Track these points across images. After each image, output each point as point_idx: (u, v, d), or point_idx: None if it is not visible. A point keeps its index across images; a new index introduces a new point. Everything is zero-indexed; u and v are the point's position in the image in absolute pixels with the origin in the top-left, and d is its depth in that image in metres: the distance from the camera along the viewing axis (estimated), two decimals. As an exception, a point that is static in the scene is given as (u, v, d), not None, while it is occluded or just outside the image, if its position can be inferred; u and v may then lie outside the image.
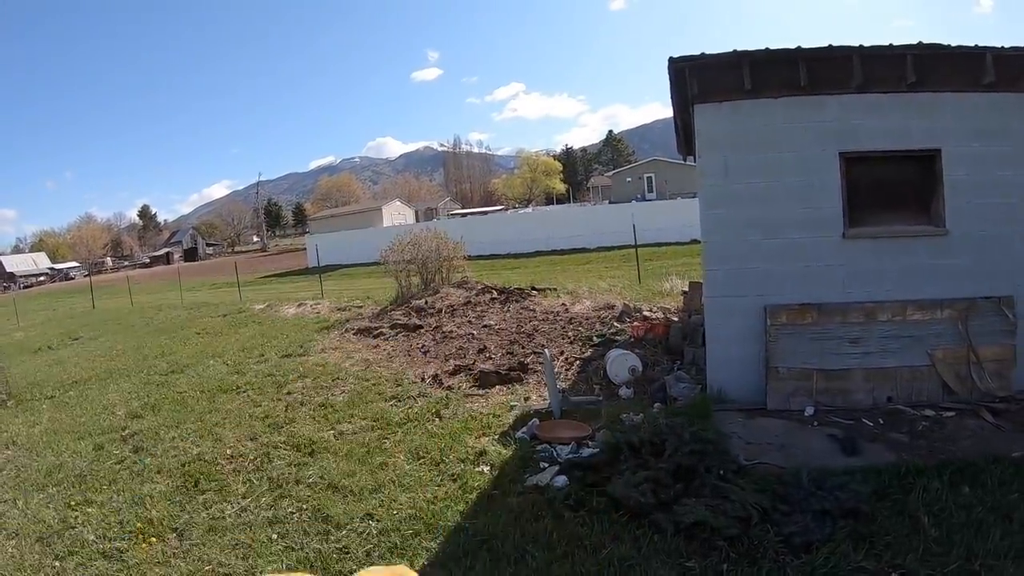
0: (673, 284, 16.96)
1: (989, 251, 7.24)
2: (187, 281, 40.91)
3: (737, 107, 7.59)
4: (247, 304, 23.98)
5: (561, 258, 32.43)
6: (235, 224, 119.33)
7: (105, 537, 5.79)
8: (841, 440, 6.25)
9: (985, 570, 4.11)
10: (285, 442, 7.84)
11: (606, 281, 19.96)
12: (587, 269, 25.49)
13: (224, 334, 17.31)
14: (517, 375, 9.91)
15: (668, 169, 64.96)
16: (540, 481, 5.99)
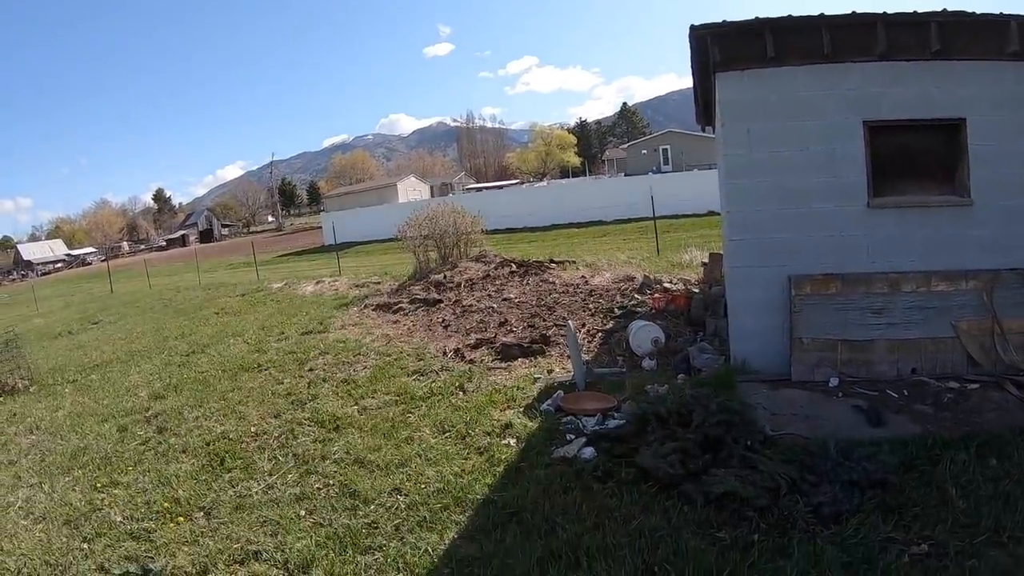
0: (692, 256, 16.92)
1: (1014, 222, 7.17)
2: (204, 262, 41.05)
3: (759, 75, 7.52)
4: (265, 283, 24.04)
5: (578, 231, 32.32)
6: (250, 204, 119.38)
7: (132, 518, 5.85)
8: (866, 411, 6.27)
9: (1013, 543, 4.13)
10: (309, 419, 7.89)
11: (624, 253, 19.91)
12: (604, 242, 25.42)
13: (243, 313, 17.40)
14: (539, 348, 9.94)
15: (684, 141, 64.34)
16: (567, 453, 6.03)
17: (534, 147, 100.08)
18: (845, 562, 4.05)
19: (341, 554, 4.83)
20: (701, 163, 49.25)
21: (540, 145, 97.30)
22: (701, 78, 9.11)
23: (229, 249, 63.21)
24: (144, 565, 5.00)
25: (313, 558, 4.79)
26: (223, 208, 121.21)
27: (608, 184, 47.65)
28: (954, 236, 7.28)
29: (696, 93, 10.50)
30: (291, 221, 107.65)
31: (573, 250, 22.43)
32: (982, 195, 7.21)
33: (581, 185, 53.66)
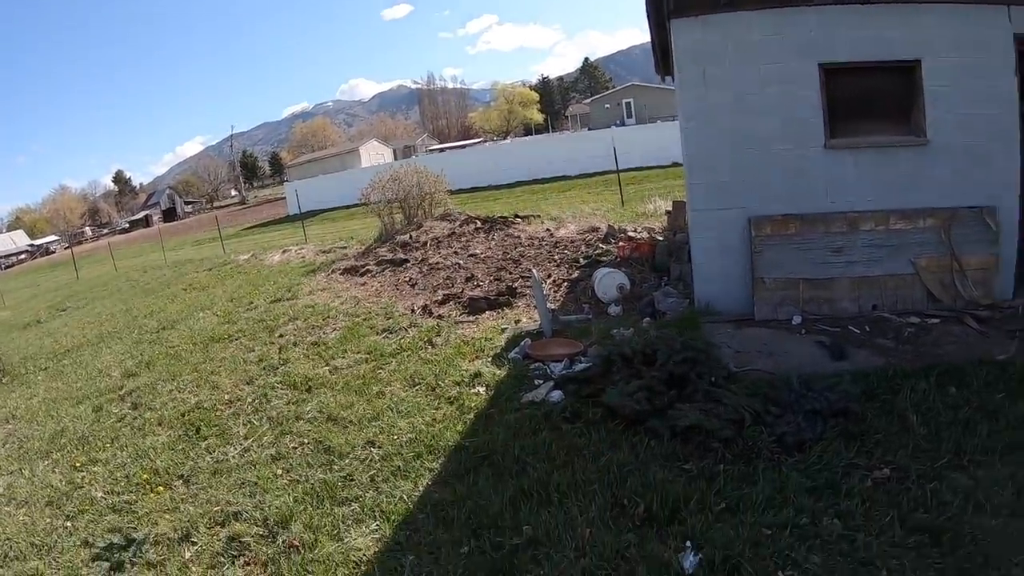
0: (656, 205, 16.95)
1: (971, 162, 7.23)
2: (169, 241, 40.57)
3: (714, 20, 7.46)
4: (231, 256, 23.80)
5: (543, 187, 32.28)
6: (212, 180, 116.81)
7: (113, 492, 5.85)
8: (829, 346, 6.37)
9: (973, 465, 4.24)
10: (281, 382, 7.88)
11: (589, 206, 19.90)
12: (569, 196, 25.39)
13: (211, 287, 17.20)
14: (506, 300, 9.96)
15: (646, 94, 64.19)
16: (536, 397, 6.08)
17: (496, 106, 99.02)
18: (809, 487, 4.14)
19: (319, 507, 4.90)
20: (664, 115, 49.22)
21: (502, 104, 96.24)
22: (657, 26, 9.07)
23: (193, 226, 62.29)
24: (127, 535, 5.03)
25: (292, 513, 4.86)
26: (185, 185, 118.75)
27: (572, 139, 47.39)
28: (911, 175, 7.33)
29: (653, 43, 10.47)
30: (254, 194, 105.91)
31: (538, 205, 22.41)
32: (938, 135, 7.25)
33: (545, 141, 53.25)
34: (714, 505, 4.07)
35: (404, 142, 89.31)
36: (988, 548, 3.48)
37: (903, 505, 3.89)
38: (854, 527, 3.75)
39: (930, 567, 3.43)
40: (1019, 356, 5.76)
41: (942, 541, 3.57)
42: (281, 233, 32.62)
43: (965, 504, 3.83)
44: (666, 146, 29.31)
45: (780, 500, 4.03)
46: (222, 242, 29.74)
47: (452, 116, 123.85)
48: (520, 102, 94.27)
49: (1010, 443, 4.42)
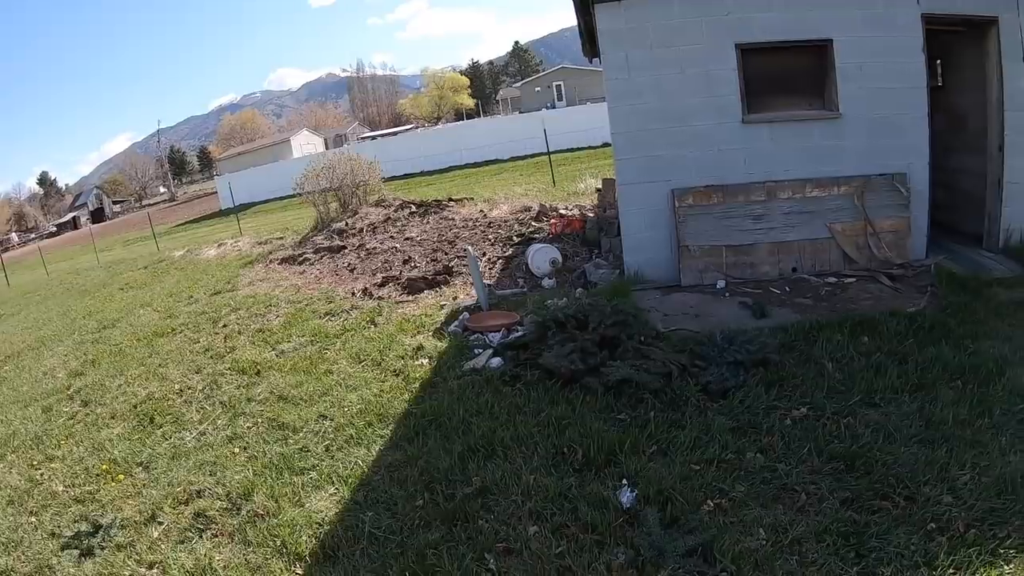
0: (587, 184, 17.29)
1: (882, 132, 7.68)
2: (99, 242, 38.98)
3: (635, 4, 7.76)
4: (166, 253, 23.27)
5: (475, 171, 32.36)
6: (140, 178, 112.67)
7: (74, 485, 5.80)
8: (751, 306, 6.75)
9: (884, 402, 4.63)
10: (230, 368, 7.91)
11: (521, 187, 20.15)
12: (502, 179, 25.55)
13: (148, 285, 16.81)
14: (444, 279, 10.14)
15: (577, 76, 64.55)
16: (477, 364, 6.32)
17: (427, 92, 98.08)
18: (733, 428, 4.47)
19: (278, 478, 5.02)
20: (594, 97, 49.52)
21: (433, 89, 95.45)
22: (582, 11, 9.26)
23: (123, 226, 60.19)
24: (94, 522, 5.04)
25: (252, 486, 4.97)
26: (112, 185, 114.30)
27: (503, 123, 47.44)
28: (826, 147, 7.75)
29: (580, 27, 10.68)
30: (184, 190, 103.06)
31: (471, 188, 22.54)
32: (850, 108, 7.68)
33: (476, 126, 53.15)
34: (646, 448, 4.35)
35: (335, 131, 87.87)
36: (899, 471, 3.82)
37: (819, 438, 4.23)
38: (775, 459, 4.08)
39: (845, 488, 3.76)
40: (928, 308, 6.20)
41: (856, 467, 3.92)
42: (215, 228, 31.97)
43: (876, 435, 4.19)
44: (596, 127, 29.72)
45: (706, 440, 4.34)
46: (156, 240, 29.04)
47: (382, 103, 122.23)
48: (451, 87, 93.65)
49: (918, 383, 4.83)
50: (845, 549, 3.31)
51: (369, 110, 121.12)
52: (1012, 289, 6.74)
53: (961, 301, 6.37)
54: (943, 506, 3.52)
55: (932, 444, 4.06)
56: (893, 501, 3.62)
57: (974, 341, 5.46)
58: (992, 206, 7.96)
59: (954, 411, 4.38)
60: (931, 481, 3.71)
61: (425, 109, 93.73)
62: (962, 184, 8.62)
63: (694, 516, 3.63)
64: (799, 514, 3.60)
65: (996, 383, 4.70)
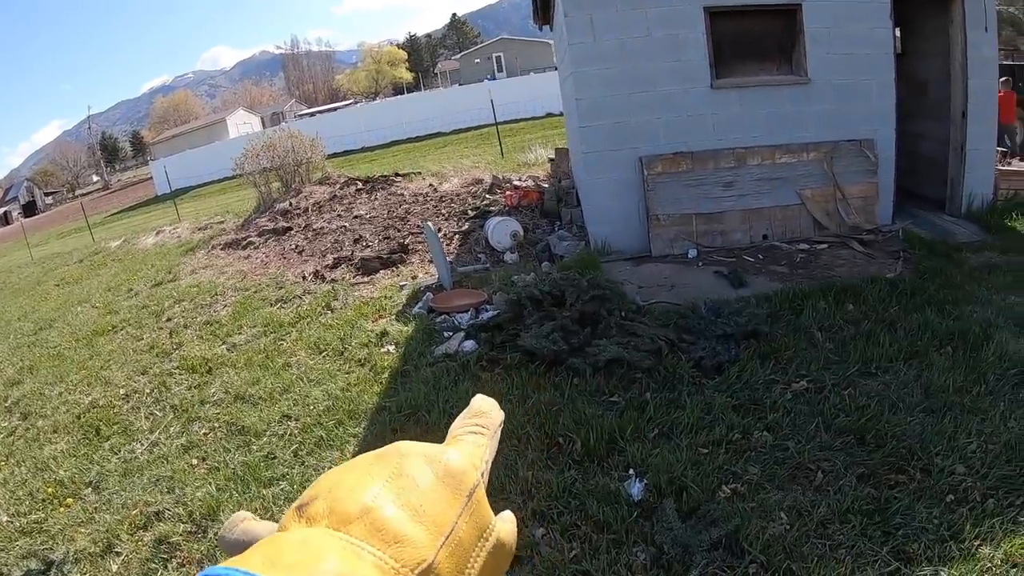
0: (537, 154, 17.03)
1: (850, 98, 7.64)
2: (32, 236, 37.49)
3: (601, -35, 7.52)
4: (102, 245, 22.33)
5: (418, 145, 31.85)
6: (72, 167, 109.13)
7: (19, 513, 5.31)
8: (727, 276, 6.63)
9: (881, 371, 4.57)
10: (178, 367, 7.45)
11: (469, 160, 19.82)
12: (447, 152, 25.17)
13: (85, 279, 16.09)
14: (399, 257, 9.82)
15: (517, 46, 64.12)
16: (449, 349, 6.03)
17: (364, 67, 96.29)
18: (734, 405, 4.33)
19: (245, 492, 4.62)
20: (536, 67, 49.35)
21: (370, 64, 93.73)
22: (540, -27, 9.00)
23: (57, 218, 57.90)
24: (44, 557, 4.59)
25: (218, 503, 4.56)
26: (43, 176, 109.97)
27: (445, 95, 46.72)
28: (795, 112, 7.66)
29: (533, -9, 10.41)
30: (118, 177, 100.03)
31: (416, 162, 22.12)
32: (819, 74, 7.61)
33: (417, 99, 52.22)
34: (648, 432, 4.17)
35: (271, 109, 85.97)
36: (909, 443, 3.73)
37: (825, 412, 4.12)
38: (784, 436, 3.94)
39: (860, 464, 3.65)
40: (906, 274, 6.17)
41: (867, 440, 3.82)
42: (152, 215, 30.76)
43: (881, 406, 4.10)
44: (539, 97, 29.61)
45: (710, 420, 4.18)
46: (91, 231, 27.96)
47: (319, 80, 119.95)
48: (388, 61, 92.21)
49: (910, 350, 4.78)
50: (871, 528, 3.20)
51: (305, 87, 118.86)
52: (979, 253, 6.85)
53: (935, 266, 6.44)
54: (958, 476, 3.47)
55: (936, 413, 4.02)
56: (909, 474, 3.54)
57: (956, 306, 5.49)
58: (955, 172, 8.03)
59: (951, 378, 4.35)
60: (942, 452, 3.65)
61: (363, 84, 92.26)
62: (923, 150, 8.67)
63: (712, 505, 3.45)
64: (818, 494, 3.47)
65: (985, 348, 4.72)
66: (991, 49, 7.95)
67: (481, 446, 0.60)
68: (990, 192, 8.17)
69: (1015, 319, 5.23)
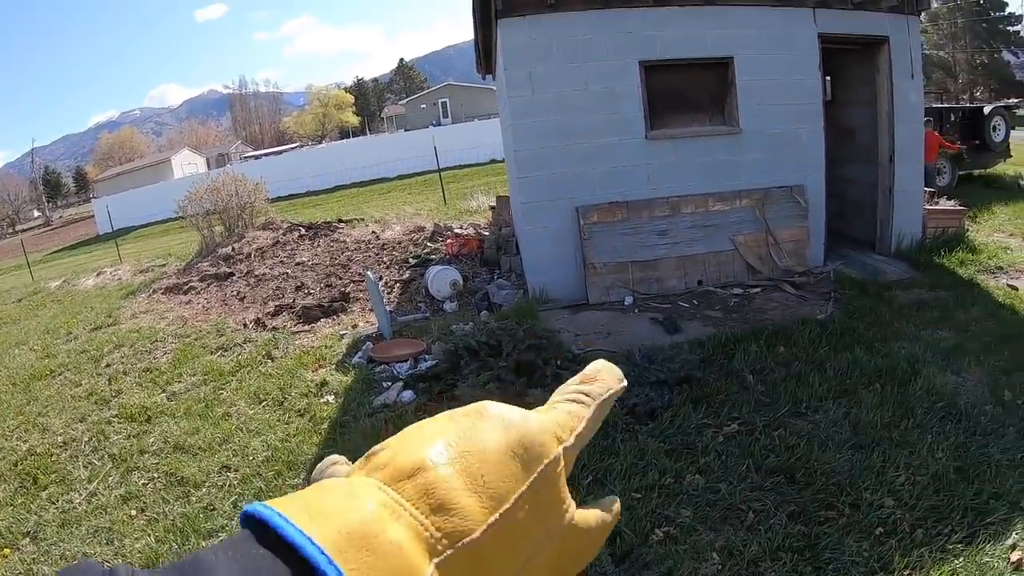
0: (479, 201, 17.19)
1: (780, 146, 7.93)
2: None
3: (540, 21, 7.69)
4: (41, 284, 21.85)
5: (361, 190, 31.84)
6: (13, 201, 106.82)
7: None
8: (663, 322, 6.72)
9: (811, 411, 4.69)
10: (117, 415, 7.29)
11: (412, 207, 19.88)
12: (390, 198, 25.24)
13: (22, 320, 15.66)
14: (340, 305, 9.78)
15: (462, 93, 64.72)
16: (387, 399, 6.02)
17: (311, 109, 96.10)
18: (667, 450, 4.37)
19: (184, 543, 4.56)
20: (480, 113, 49.81)
21: (317, 107, 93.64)
22: (482, 25, 9.20)
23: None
24: None
25: (156, 555, 4.51)
26: None
27: (389, 140, 46.89)
28: (728, 161, 7.91)
29: (477, 42, 10.62)
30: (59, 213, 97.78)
31: (360, 208, 22.10)
32: (750, 124, 7.88)
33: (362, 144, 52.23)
34: (582, 480, 4.19)
35: (217, 150, 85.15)
36: (838, 479, 3.84)
37: (756, 453, 4.21)
38: (715, 479, 4.00)
39: (791, 502, 3.73)
40: (836, 314, 6.36)
41: (797, 479, 3.91)
42: (93, 255, 30.07)
43: (810, 445, 4.21)
44: (483, 144, 29.90)
45: (643, 466, 4.22)
46: (30, 269, 27.34)
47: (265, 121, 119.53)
48: (335, 105, 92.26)
49: (839, 389, 4.95)
50: (802, 564, 3.28)
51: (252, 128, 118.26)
52: (909, 290, 7.09)
53: (865, 305, 6.67)
54: (887, 509, 3.59)
55: (864, 449, 4.15)
56: (838, 510, 3.64)
57: (884, 343, 5.69)
58: (884, 213, 8.32)
59: (879, 414, 4.52)
60: (871, 486, 3.77)
61: (309, 127, 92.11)
62: (853, 193, 8.99)
63: (645, 548, 3.49)
64: (749, 533, 3.54)
65: (913, 383, 4.92)
66: (917, 95, 8.34)
67: (577, 416, 0.54)
68: (919, 231, 8.51)
69: (942, 354, 5.45)
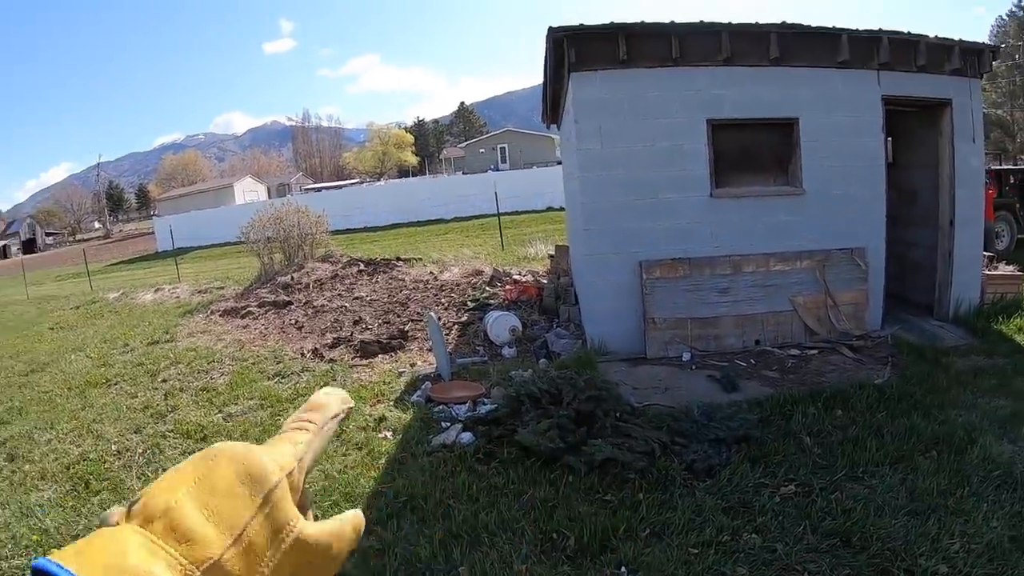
0: (537, 249, 17.35)
1: (842, 209, 8.02)
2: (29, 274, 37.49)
3: (612, 76, 7.94)
4: (99, 294, 22.46)
5: (419, 229, 32.28)
6: (76, 210, 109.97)
7: (1, 556, 5.30)
8: (720, 380, 6.81)
9: (868, 475, 4.75)
10: (173, 430, 7.46)
11: (470, 249, 20.15)
12: (447, 239, 25.56)
13: (81, 327, 16.12)
14: (398, 343, 9.96)
15: (521, 139, 65.53)
16: (446, 440, 6.12)
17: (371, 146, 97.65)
18: (724, 507, 4.47)
19: None
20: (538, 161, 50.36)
21: (377, 144, 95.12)
22: (554, 77, 9.46)
23: (54, 259, 58.14)
24: None
25: None
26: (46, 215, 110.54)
27: (448, 182, 47.52)
28: (790, 221, 8.02)
29: (545, 92, 10.90)
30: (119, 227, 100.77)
31: (417, 247, 22.44)
32: (813, 184, 8.00)
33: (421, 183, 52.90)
34: (640, 532, 4.29)
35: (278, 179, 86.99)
36: (894, 545, 3.89)
37: (812, 515, 4.28)
38: (772, 539, 4.08)
39: (846, 565, 3.79)
40: (894, 379, 6.39)
41: (852, 543, 3.97)
42: (151, 271, 30.90)
43: (867, 509, 4.26)
44: (541, 191, 30.23)
45: (700, 522, 4.32)
46: (89, 278, 28.10)
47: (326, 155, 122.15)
48: (395, 144, 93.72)
49: (896, 455, 5.00)
50: (858, 629, 3.31)
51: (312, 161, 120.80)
52: (966, 357, 7.06)
53: (922, 371, 6.67)
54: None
55: (920, 515, 4.19)
56: (893, 575, 3.67)
57: (941, 410, 5.71)
58: (943, 277, 8.33)
59: (935, 481, 4.54)
60: (926, 552, 3.81)
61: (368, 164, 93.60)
62: (912, 256, 9.00)
63: (702, 605, 3.57)
64: (804, 596, 3.59)
65: (969, 452, 4.95)
66: (978, 159, 8.40)
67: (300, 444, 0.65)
68: (977, 296, 8.50)
69: (999, 422, 5.47)
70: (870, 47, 7.92)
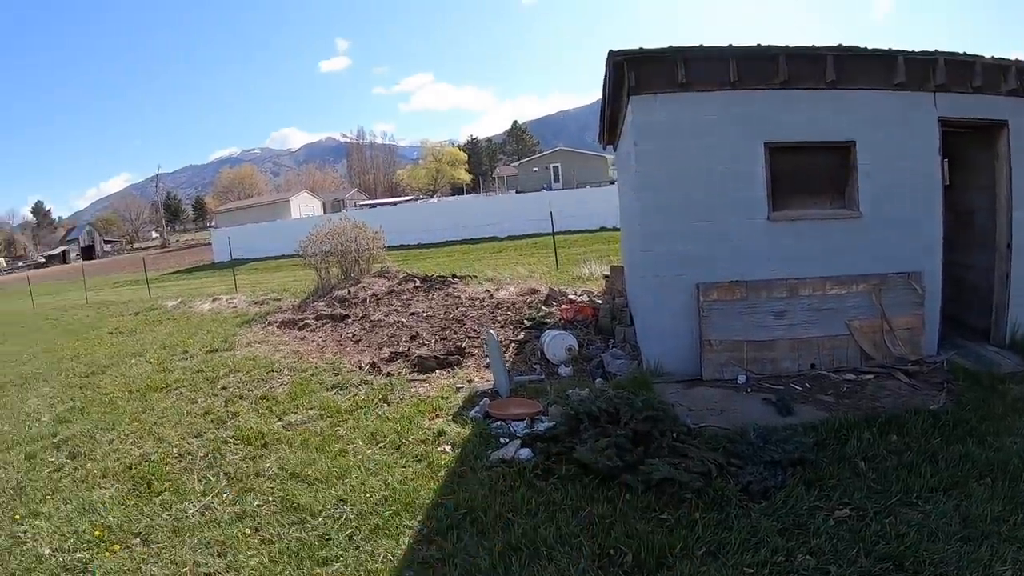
0: (592, 269, 17.48)
1: (899, 231, 8.02)
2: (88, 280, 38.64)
3: (671, 99, 8.06)
4: (157, 301, 23.19)
5: (472, 247, 32.61)
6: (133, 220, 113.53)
7: (62, 549, 5.38)
8: (775, 403, 6.88)
9: (922, 501, 4.80)
10: (233, 436, 7.64)
11: (524, 268, 20.34)
12: (502, 257, 25.80)
13: (139, 332, 16.69)
14: (455, 359, 10.15)
15: (574, 158, 65.82)
16: (505, 455, 6.26)
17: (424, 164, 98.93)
18: (779, 529, 4.57)
19: (298, 567, 4.74)
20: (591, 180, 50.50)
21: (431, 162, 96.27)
22: (613, 99, 9.62)
23: (112, 266, 60.09)
24: None
25: (271, 574, 4.70)
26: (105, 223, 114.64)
27: (502, 200, 48.06)
28: (846, 245, 8.05)
29: (603, 113, 11.04)
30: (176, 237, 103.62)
31: (471, 265, 22.71)
32: (870, 208, 8.02)
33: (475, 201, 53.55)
34: (696, 551, 4.41)
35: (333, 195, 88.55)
36: (946, 570, 3.96)
37: (866, 539, 4.36)
38: (825, 561, 4.17)
39: (898, 589, 3.85)
40: (949, 405, 6.41)
41: (905, 567, 4.04)
42: (208, 281, 31.83)
43: (920, 534, 4.33)
44: (595, 211, 30.35)
45: (755, 542, 4.42)
46: (148, 286, 28.92)
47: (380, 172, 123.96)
48: (448, 161, 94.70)
49: (950, 481, 5.03)
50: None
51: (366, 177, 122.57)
52: (1023, 384, 6.97)
53: (978, 397, 6.64)
54: None
55: (973, 542, 4.22)
56: (946, 602, 3.71)
57: (996, 437, 5.70)
58: (1000, 300, 8.28)
59: (989, 508, 4.57)
60: (978, 580, 3.83)
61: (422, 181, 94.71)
62: (968, 279, 8.95)
63: (758, 623, 3.68)
64: (857, 618, 3.68)
65: None
66: (1037, 180, 8.31)
67: None
68: (1034, 321, 8.39)
69: (1054, 450, 5.42)
70: (926, 68, 7.92)
